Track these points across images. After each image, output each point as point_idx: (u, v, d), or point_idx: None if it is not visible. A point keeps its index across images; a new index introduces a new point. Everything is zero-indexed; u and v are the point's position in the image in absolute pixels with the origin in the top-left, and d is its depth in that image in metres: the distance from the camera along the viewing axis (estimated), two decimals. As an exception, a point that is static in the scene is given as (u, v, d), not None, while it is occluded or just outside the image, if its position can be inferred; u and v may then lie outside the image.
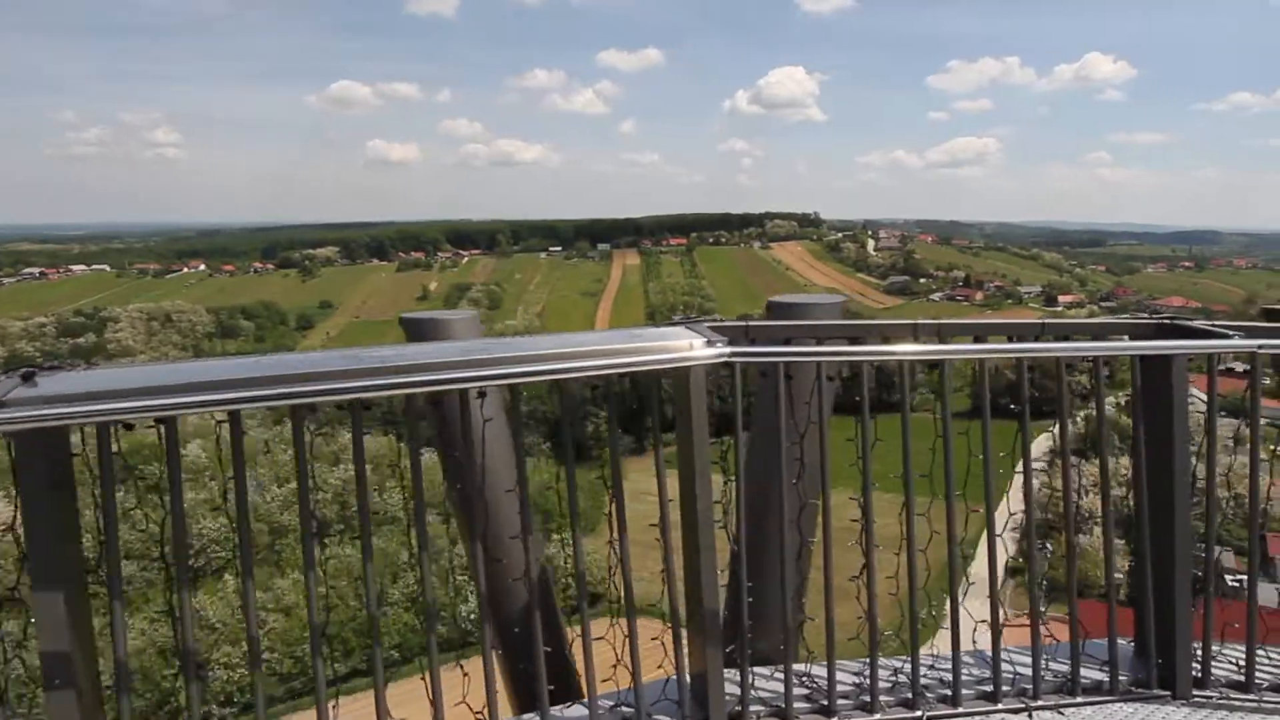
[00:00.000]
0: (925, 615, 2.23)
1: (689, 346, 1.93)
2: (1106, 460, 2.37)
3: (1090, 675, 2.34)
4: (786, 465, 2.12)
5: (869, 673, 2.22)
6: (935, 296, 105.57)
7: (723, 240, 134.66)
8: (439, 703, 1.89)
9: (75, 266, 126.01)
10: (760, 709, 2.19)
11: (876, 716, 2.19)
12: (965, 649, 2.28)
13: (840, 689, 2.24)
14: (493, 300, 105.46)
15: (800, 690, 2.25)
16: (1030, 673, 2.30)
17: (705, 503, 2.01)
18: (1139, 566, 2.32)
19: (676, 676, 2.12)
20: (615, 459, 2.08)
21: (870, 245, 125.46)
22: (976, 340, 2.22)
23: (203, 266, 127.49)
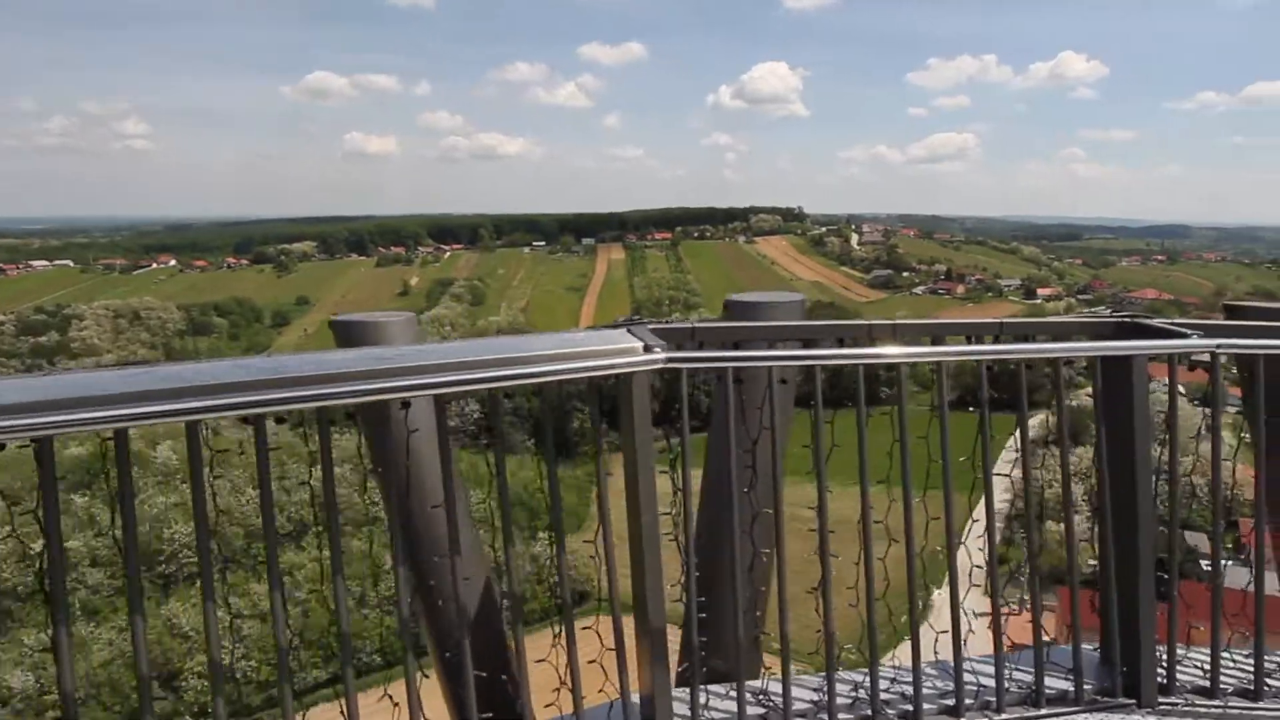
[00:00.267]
0: (884, 625, 2.16)
1: (626, 352, 1.82)
2: (1068, 461, 2.34)
3: (1055, 685, 2.30)
4: (737, 473, 2.04)
5: (827, 688, 2.15)
6: (918, 290, 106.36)
7: (708, 235, 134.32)
8: None
9: (36, 262, 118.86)
10: None
11: None
12: (926, 660, 2.23)
13: (798, 706, 2.16)
14: (476, 296, 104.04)
15: (756, 710, 2.16)
16: (994, 684, 2.24)
17: (650, 515, 1.91)
18: (1103, 573, 2.27)
19: (622, 700, 2.02)
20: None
21: (854, 239, 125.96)
22: (934, 342, 2.16)
23: (173, 262, 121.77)
